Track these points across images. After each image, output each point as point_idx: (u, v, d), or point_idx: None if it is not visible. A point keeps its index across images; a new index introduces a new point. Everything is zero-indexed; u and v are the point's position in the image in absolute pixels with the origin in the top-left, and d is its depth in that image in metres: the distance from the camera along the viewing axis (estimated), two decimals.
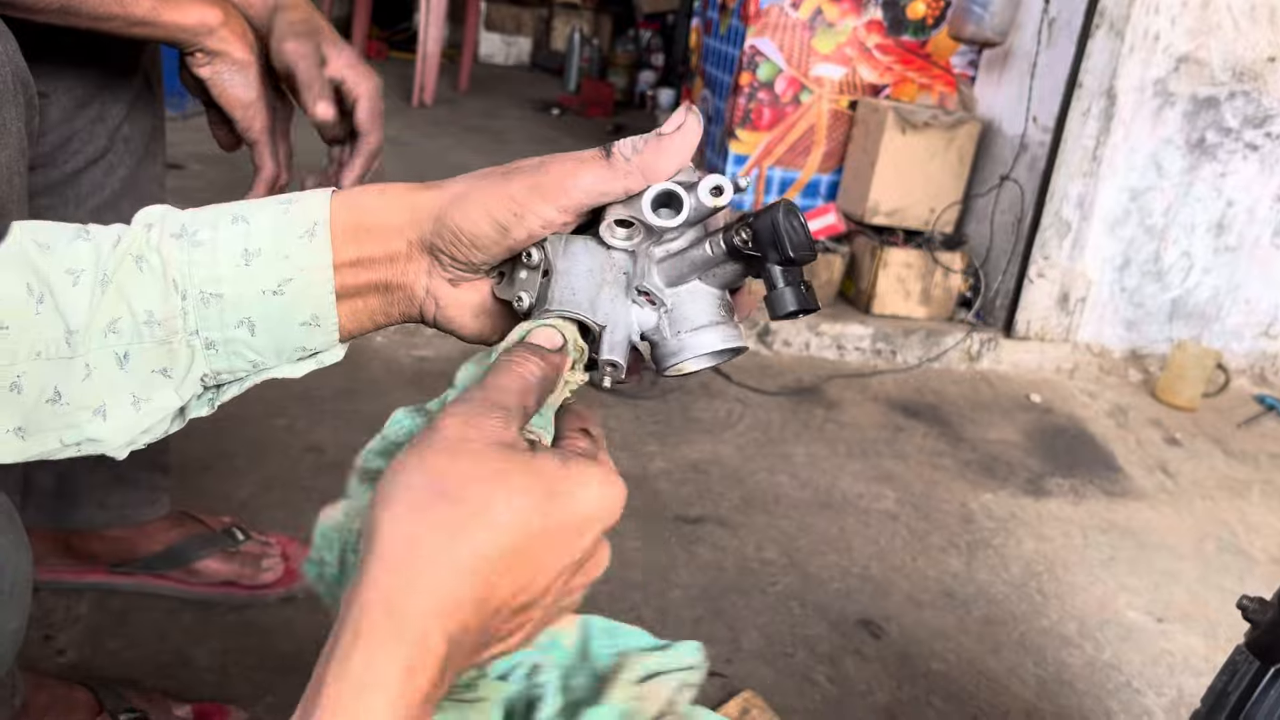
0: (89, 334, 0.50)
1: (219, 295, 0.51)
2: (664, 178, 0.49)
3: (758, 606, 1.44)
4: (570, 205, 0.49)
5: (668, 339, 0.51)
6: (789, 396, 2.18)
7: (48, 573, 1.22)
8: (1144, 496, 1.98)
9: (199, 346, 0.52)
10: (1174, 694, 1.41)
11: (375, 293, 0.53)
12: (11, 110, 0.75)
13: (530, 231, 0.50)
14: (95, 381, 0.51)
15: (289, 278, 0.51)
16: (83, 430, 0.51)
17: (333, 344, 0.54)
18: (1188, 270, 2.58)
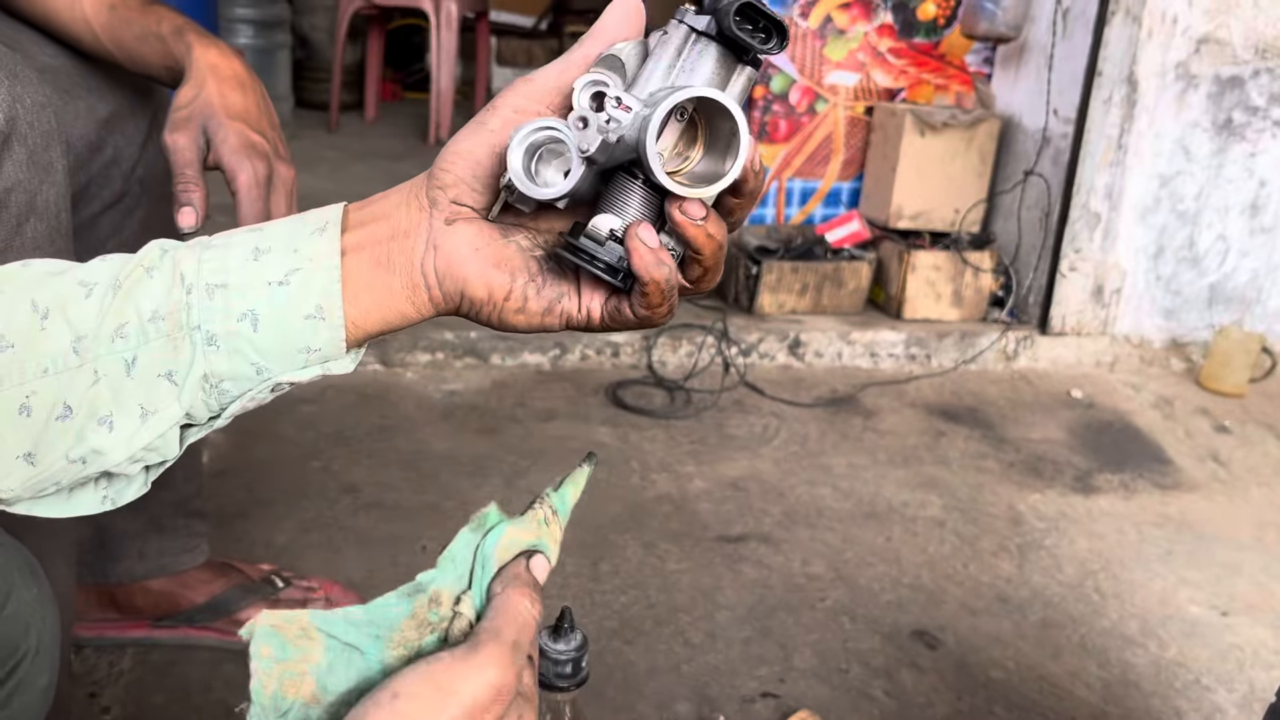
0: (97, 340, 0.50)
1: (223, 285, 0.50)
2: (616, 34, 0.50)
3: (808, 623, 1.41)
4: (535, 90, 0.51)
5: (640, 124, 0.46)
6: (825, 407, 2.15)
7: (90, 629, 1.22)
8: (1197, 487, 1.93)
9: (200, 343, 0.50)
10: (1245, 689, 1.36)
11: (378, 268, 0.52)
12: (57, 150, 0.77)
13: (504, 119, 0.51)
14: (102, 389, 0.50)
15: (296, 268, 0.51)
16: (87, 441, 0.50)
17: (339, 345, 0.52)
18: (1224, 254, 2.52)
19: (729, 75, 0.49)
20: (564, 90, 0.50)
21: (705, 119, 0.49)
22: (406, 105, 5.08)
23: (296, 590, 1.27)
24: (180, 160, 0.86)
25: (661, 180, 0.46)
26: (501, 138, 0.50)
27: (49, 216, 0.77)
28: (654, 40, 0.50)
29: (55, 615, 0.61)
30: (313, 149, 3.82)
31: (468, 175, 0.51)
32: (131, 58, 0.96)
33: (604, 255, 0.49)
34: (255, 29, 3.86)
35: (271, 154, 0.89)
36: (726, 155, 0.47)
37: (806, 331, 2.37)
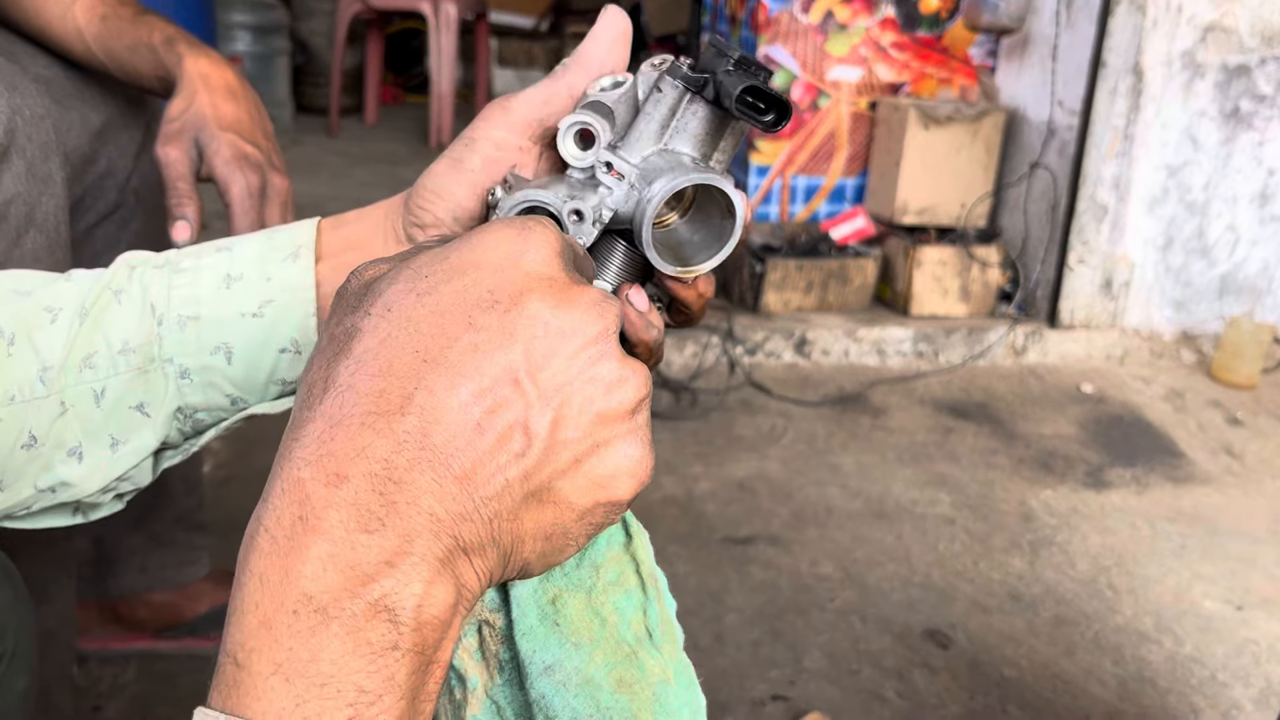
0: (64, 370, 0.48)
1: (196, 318, 0.49)
2: (602, 67, 0.48)
3: (818, 624, 1.39)
4: (516, 121, 0.48)
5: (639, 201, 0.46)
6: (832, 406, 2.13)
7: (92, 643, 1.21)
8: (1210, 481, 1.91)
9: (173, 375, 0.49)
10: (1262, 684, 1.34)
11: None
12: (55, 162, 0.76)
13: (484, 157, 0.48)
14: (70, 420, 0.49)
15: (270, 299, 0.49)
16: (56, 473, 0.49)
17: None
18: (1234, 244, 2.50)
19: (722, 132, 0.47)
20: (545, 122, 0.48)
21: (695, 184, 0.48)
22: (407, 109, 5.08)
23: None
24: (173, 173, 0.85)
25: (659, 266, 0.45)
26: (484, 179, 0.48)
27: (48, 229, 0.76)
28: (643, 81, 0.47)
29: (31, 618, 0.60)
30: (313, 154, 3.81)
31: (448, 217, 0.49)
32: (123, 68, 0.95)
33: None
34: (254, 35, 3.86)
35: (265, 164, 0.88)
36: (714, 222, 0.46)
37: (813, 329, 2.35)
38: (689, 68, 0.45)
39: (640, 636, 0.41)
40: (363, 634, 0.31)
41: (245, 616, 0.32)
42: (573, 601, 0.40)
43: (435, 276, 0.35)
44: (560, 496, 0.36)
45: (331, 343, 0.35)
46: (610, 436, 0.36)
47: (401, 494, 0.32)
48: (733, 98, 0.42)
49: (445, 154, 0.49)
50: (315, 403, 0.34)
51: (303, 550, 0.31)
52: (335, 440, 0.33)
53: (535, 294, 0.35)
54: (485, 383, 0.34)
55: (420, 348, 0.34)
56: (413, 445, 0.33)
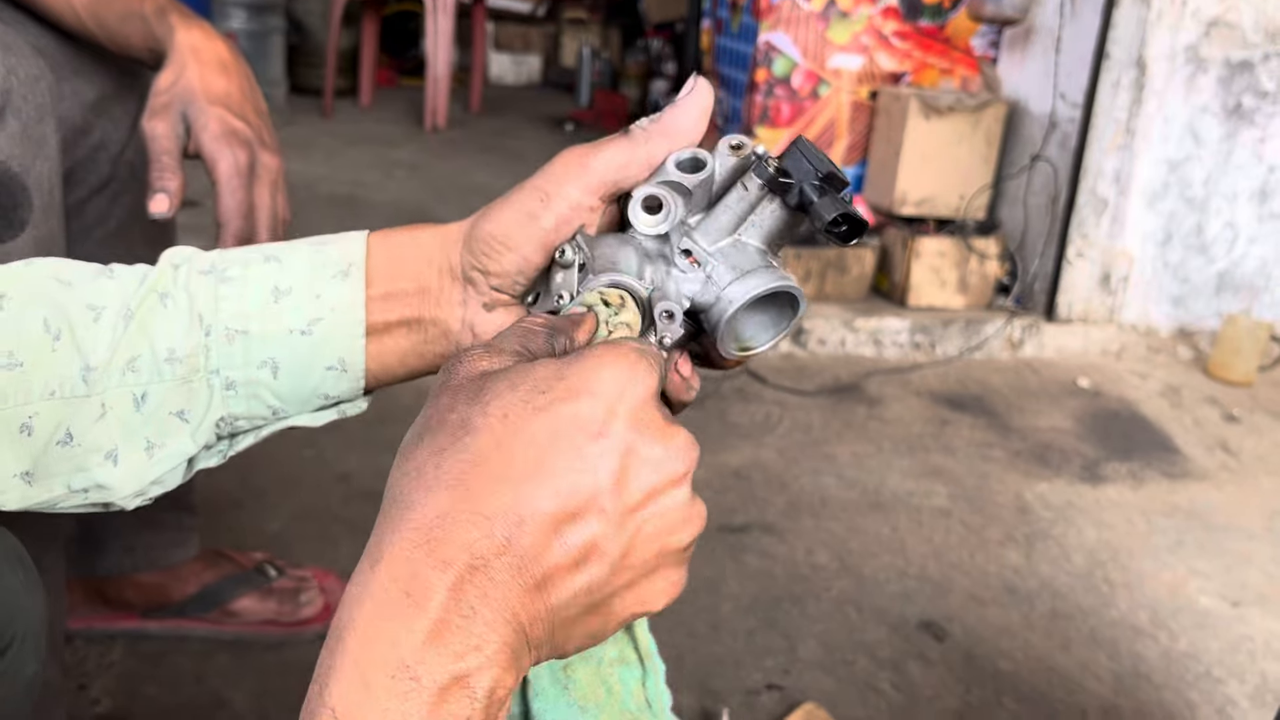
0: (108, 372, 0.47)
1: (245, 332, 0.48)
2: (683, 140, 0.48)
3: (813, 614, 1.38)
4: (594, 182, 0.47)
5: (716, 296, 0.48)
6: (828, 396, 2.12)
7: (79, 622, 1.19)
8: (1206, 477, 1.90)
9: (218, 387, 0.49)
10: (1258, 681, 1.34)
11: (406, 330, 0.51)
12: (50, 125, 0.74)
13: (558, 215, 0.47)
14: (109, 423, 0.48)
15: (319, 317, 0.49)
16: (92, 475, 0.48)
17: (357, 393, 0.51)
18: (1233, 241, 2.49)
19: (791, 229, 0.50)
20: (621, 185, 0.48)
21: None
22: (402, 91, 5.04)
23: (289, 580, 1.25)
24: (157, 147, 0.82)
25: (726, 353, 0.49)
26: (555, 238, 0.48)
27: (41, 192, 0.75)
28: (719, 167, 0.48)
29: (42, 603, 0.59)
30: (307, 135, 3.78)
31: (513, 270, 0.49)
32: (114, 39, 0.92)
33: None
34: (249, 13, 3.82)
35: (255, 141, 0.85)
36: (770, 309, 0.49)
37: (810, 319, 2.34)
38: (775, 168, 0.47)
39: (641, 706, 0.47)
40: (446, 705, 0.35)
41: (346, 673, 0.35)
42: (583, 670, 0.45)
43: (552, 395, 0.38)
44: (610, 609, 0.40)
45: (442, 429, 0.38)
46: (664, 564, 0.41)
47: (494, 590, 0.36)
48: (824, 222, 0.45)
49: (514, 201, 0.48)
50: (429, 487, 0.37)
51: (408, 623, 0.35)
52: (445, 530, 0.36)
53: (637, 432, 0.39)
54: (577, 505, 0.37)
55: (531, 461, 0.37)
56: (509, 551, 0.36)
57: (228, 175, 0.82)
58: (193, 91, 0.84)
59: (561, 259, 0.48)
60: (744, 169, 0.48)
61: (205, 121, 0.83)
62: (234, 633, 1.21)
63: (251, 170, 0.84)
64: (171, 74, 0.85)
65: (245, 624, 1.21)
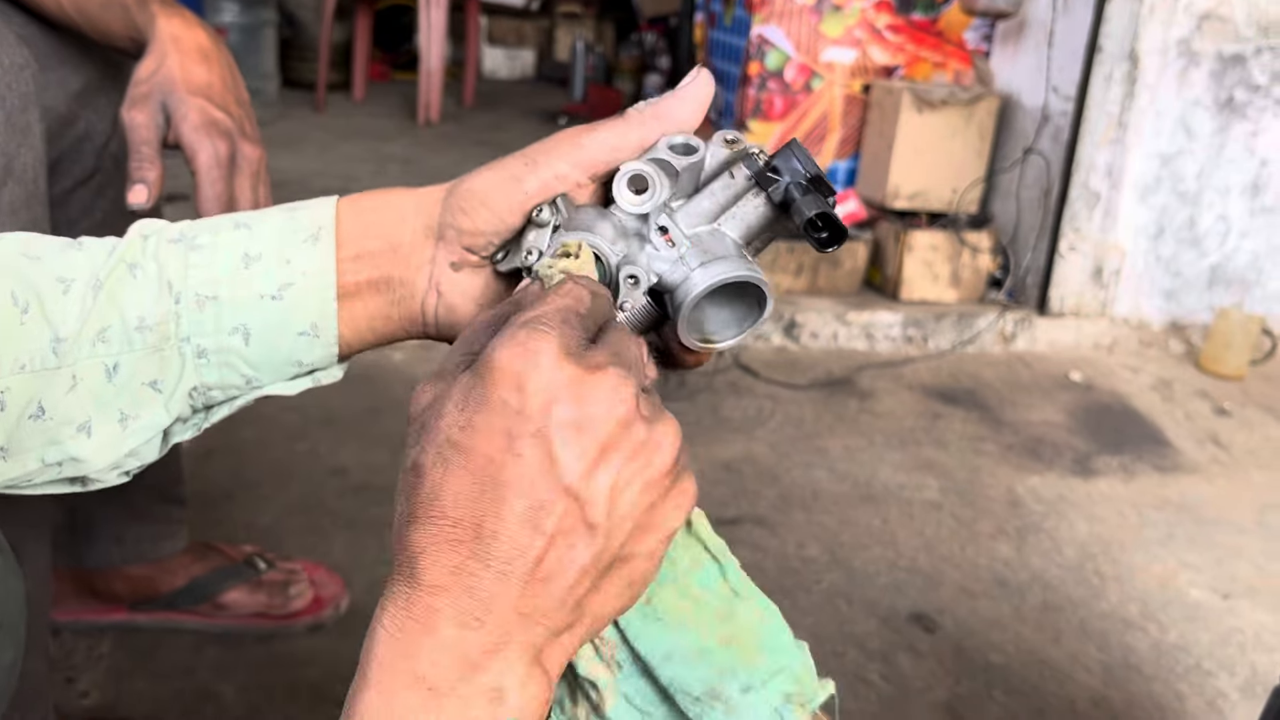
0: (78, 343, 0.47)
1: (214, 298, 0.48)
2: (679, 127, 0.48)
3: (804, 606, 1.38)
4: (584, 159, 0.48)
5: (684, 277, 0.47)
6: (820, 389, 2.12)
7: (67, 614, 1.18)
8: (1197, 470, 1.91)
9: (190, 355, 0.48)
10: (1247, 673, 1.34)
11: (375, 292, 0.50)
12: (34, 113, 0.74)
13: (543, 182, 0.47)
14: (81, 394, 0.47)
15: (289, 282, 0.48)
16: (65, 448, 0.48)
17: (331, 360, 0.51)
18: (1225, 235, 2.50)
19: (771, 228, 0.50)
20: (610, 164, 0.48)
21: None
22: (395, 86, 5.03)
23: (279, 573, 1.24)
24: (137, 138, 0.82)
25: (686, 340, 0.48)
26: (534, 200, 0.48)
27: (26, 181, 0.74)
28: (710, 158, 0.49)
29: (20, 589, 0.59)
30: (300, 129, 3.77)
31: (488, 229, 0.49)
32: (96, 27, 0.92)
33: None
34: (241, 5, 3.80)
35: (236, 132, 0.84)
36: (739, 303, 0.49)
37: (802, 313, 2.34)
38: (765, 163, 0.47)
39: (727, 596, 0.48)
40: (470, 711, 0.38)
41: (368, 692, 0.38)
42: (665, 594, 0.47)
43: (470, 407, 0.39)
44: (631, 554, 0.41)
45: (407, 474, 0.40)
46: (661, 493, 0.41)
47: (494, 600, 0.38)
48: (804, 219, 0.45)
49: (500, 165, 0.48)
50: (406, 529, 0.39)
51: (416, 644, 0.38)
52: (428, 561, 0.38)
53: (557, 402, 0.38)
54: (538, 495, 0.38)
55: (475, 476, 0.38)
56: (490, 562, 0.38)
57: (207, 166, 0.81)
58: (173, 81, 0.83)
59: (538, 217, 0.48)
60: (734, 162, 0.48)
61: (185, 112, 0.82)
62: (223, 625, 1.20)
63: (232, 161, 0.84)
64: (152, 63, 0.84)
65: (234, 617, 1.21)
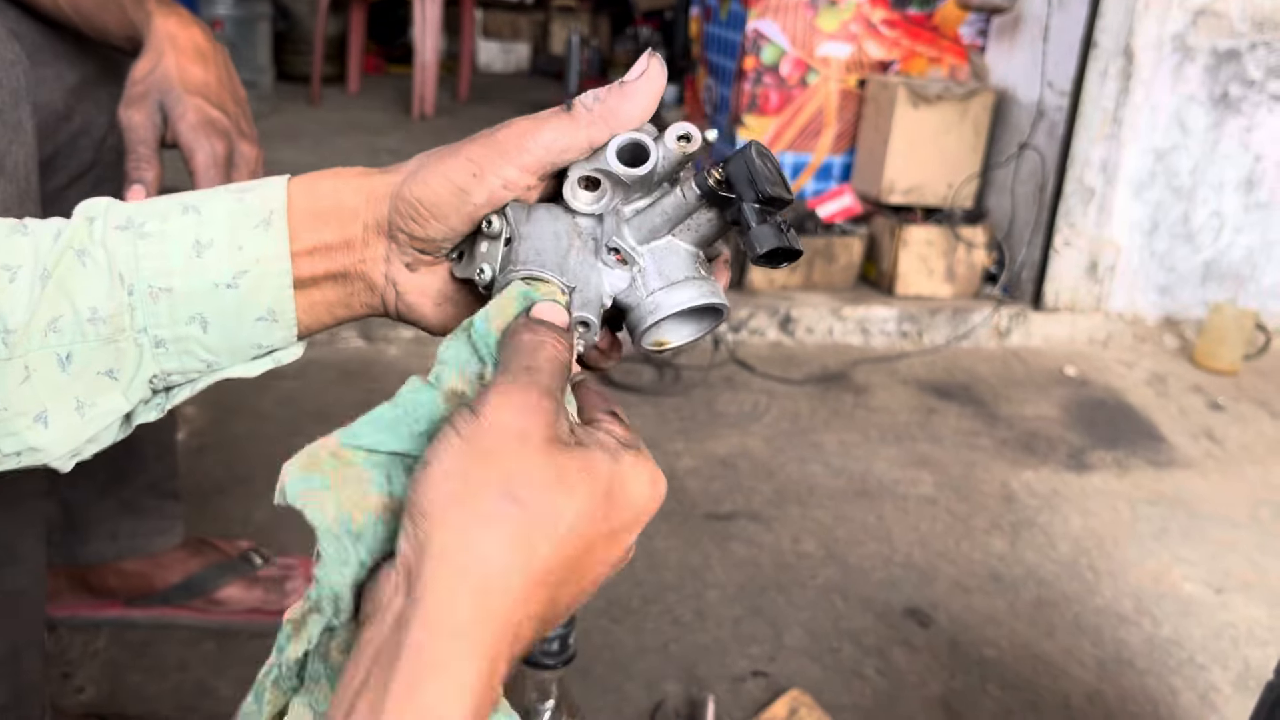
0: (28, 334, 0.46)
1: (169, 290, 0.47)
2: (628, 126, 0.46)
3: (799, 602, 1.38)
4: (530, 163, 0.46)
5: (641, 300, 0.47)
6: (815, 385, 2.12)
7: (63, 610, 1.18)
8: (1191, 465, 1.91)
9: (147, 345, 0.48)
10: (1240, 667, 1.34)
11: (333, 283, 0.50)
12: (26, 109, 0.73)
13: (490, 192, 0.46)
14: (35, 385, 0.47)
15: (244, 270, 0.47)
16: (23, 438, 0.47)
17: (290, 340, 0.51)
18: (1219, 230, 2.50)
19: (723, 235, 0.49)
20: (558, 165, 0.47)
21: None
22: (390, 79, 5.01)
23: (275, 568, 1.24)
24: (134, 137, 0.81)
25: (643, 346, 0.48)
26: (483, 211, 0.47)
27: (18, 178, 0.73)
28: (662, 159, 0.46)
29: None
30: (294, 122, 3.76)
31: (438, 236, 0.48)
32: (92, 25, 0.91)
33: None
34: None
35: (233, 131, 0.84)
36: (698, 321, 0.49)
37: (797, 308, 2.34)
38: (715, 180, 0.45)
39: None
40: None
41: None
42: None
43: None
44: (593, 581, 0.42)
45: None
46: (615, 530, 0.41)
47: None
48: (756, 256, 0.45)
49: (447, 169, 0.47)
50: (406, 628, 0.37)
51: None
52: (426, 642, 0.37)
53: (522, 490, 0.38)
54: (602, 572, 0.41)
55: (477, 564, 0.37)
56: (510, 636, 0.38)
57: (205, 166, 0.81)
58: (170, 80, 0.83)
59: (488, 230, 0.47)
60: (688, 162, 0.47)
61: (182, 111, 0.82)
62: (219, 621, 1.20)
63: (229, 161, 0.83)
64: (148, 63, 0.84)
65: (230, 612, 1.21)
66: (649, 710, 1.16)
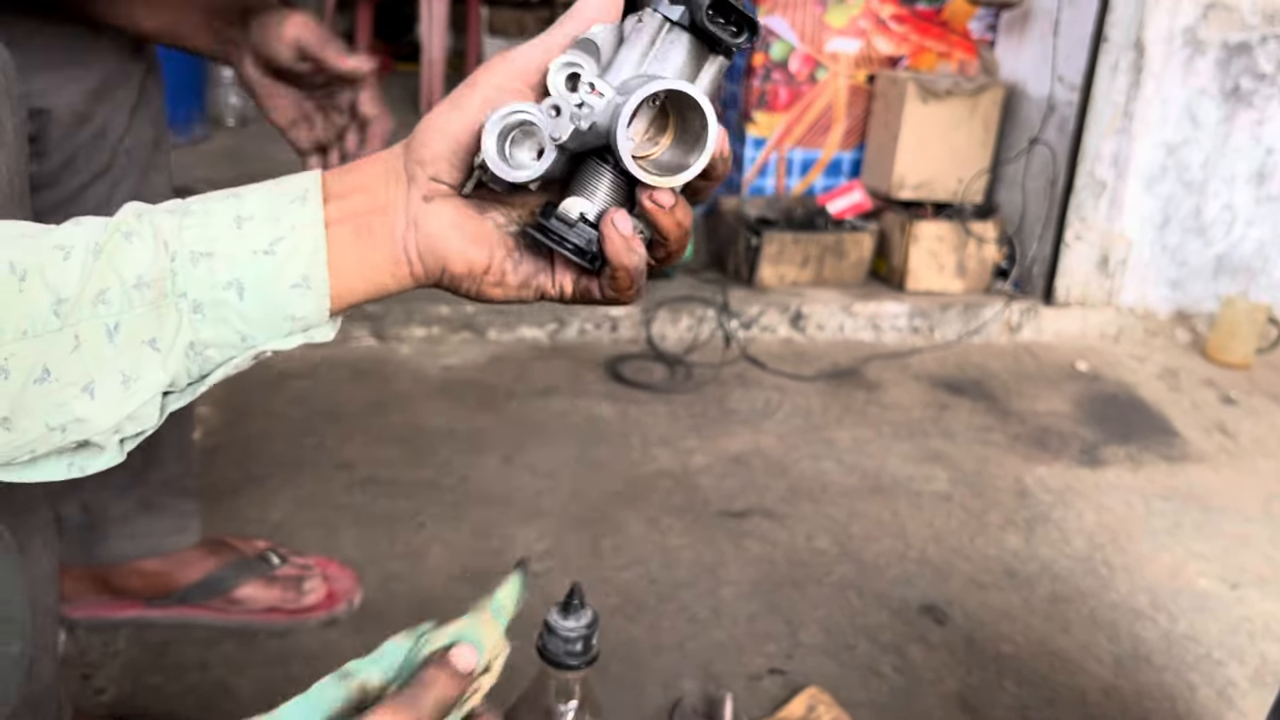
0: (79, 305, 0.48)
1: (209, 254, 0.50)
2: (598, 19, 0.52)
3: (814, 599, 1.38)
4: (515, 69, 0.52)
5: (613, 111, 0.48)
6: (827, 381, 2.12)
7: (83, 611, 1.19)
8: (1204, 459, 1.91)
9: (186, 310, 0.50)
10: (1257, 662, 1.34)
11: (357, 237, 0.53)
12: (6, 108, 0.72)
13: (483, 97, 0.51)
14: (84, 354, 0.49)
15: (280, 237, 0.51)
16: (70, 409, 0.49)
17: (323, 315, 0.53)
18: (1230, 224, 2.49)
19: (700, 64, 0.50)
20: (543, 69, 0.51)
21: (676, 108, 0.50)
22: (397, 77, 5.01)
23: (293, 567, 1.25)
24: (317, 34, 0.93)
25: (631, 169, 0.48)
26: (480, 117, 0.51)
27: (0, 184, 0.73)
28: (628, 26, 0.51)
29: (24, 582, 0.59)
30: None
31: (445, 152, 0.52)
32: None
33: (573, 237, 0.50)
34: None
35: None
36: (695, 144, 0.49)
37: (808, 304, 2.34)
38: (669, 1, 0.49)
39: None
40: None
41: None
42: None
43: None
44: None
45: None
46: None
47: None
48: (702, 9, 0.46)
49: (447, 98, 0.53)
50: None
51: None
52: None
53: None
54: None
55: None
56: None
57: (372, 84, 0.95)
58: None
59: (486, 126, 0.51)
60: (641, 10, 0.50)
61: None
62: (238, 621, 1.21)
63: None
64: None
65: (249, 611, 1.21)
66: (667, 708, 1.16)
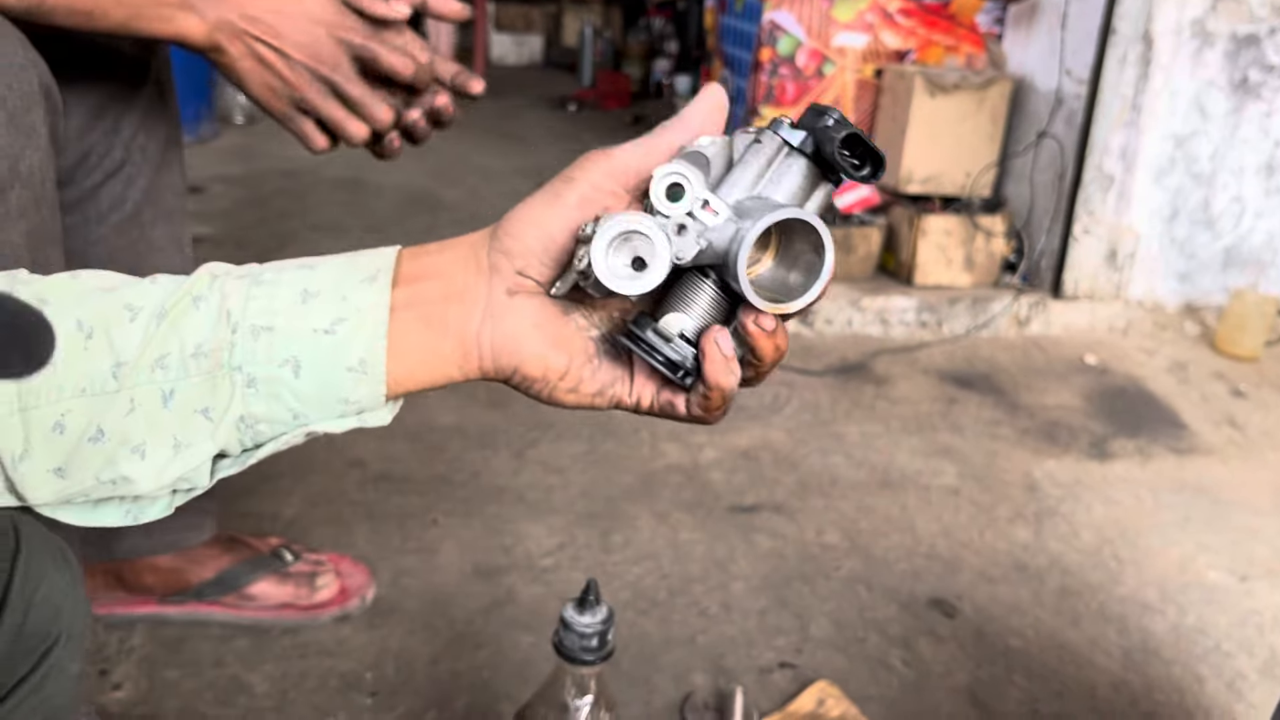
0: (137, 369, 0.48)
1: (270, 329, 0.49)
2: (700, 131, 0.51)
3: (824, 593, 1.39)
4: (616, 169, 0.49)
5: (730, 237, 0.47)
6: (836, 375, 2.12)
7: (100, 607, 1.20)
8: (1214, 452, 1.91)
9: (240, 384, 0.49)
10: (1266, 654, 1.35)
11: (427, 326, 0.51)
12: (39, 113, 0.74)
13: (581, 195, 0.49)
14: (138, 418, 0.49)
15: (343, 318, 0.49)
16: (119, 468, 0.49)
17: (378, 400, 0.51)
18: (1239, 216, 2.49)
19: (812, 189, 0.49)
20: (643, 174, 0.50)
21: (782, 228, 0.49)
22: None
23: (306, 564, 1.26)
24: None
25: (749, 297, 0.46)
26: (578, 216, 0.49)
27: (33, 184, 0.74)
28: (739, 142, 0.50)
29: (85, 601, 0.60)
30: None
31: (538, 248, 0.50)
32: None
33: (669, 352, 0.49)
34: None
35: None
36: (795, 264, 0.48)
37: None
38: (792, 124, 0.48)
39: None
40: None
41: None
42: None
43: None
44: None
45: None
46: None
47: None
48: (835, 143, 0.45)
49: (542, 189, 0.51)
50: None
51: None
52: None
53: None
54: None
55: None
56: None
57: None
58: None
59: (583, 234, 0.49)
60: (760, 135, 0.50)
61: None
62: (252, 617, 1.22)
63: None
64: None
65: (262, 608, 1.22)
66: (678, 702, 1.17)
